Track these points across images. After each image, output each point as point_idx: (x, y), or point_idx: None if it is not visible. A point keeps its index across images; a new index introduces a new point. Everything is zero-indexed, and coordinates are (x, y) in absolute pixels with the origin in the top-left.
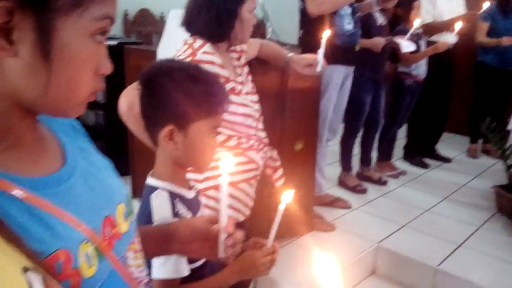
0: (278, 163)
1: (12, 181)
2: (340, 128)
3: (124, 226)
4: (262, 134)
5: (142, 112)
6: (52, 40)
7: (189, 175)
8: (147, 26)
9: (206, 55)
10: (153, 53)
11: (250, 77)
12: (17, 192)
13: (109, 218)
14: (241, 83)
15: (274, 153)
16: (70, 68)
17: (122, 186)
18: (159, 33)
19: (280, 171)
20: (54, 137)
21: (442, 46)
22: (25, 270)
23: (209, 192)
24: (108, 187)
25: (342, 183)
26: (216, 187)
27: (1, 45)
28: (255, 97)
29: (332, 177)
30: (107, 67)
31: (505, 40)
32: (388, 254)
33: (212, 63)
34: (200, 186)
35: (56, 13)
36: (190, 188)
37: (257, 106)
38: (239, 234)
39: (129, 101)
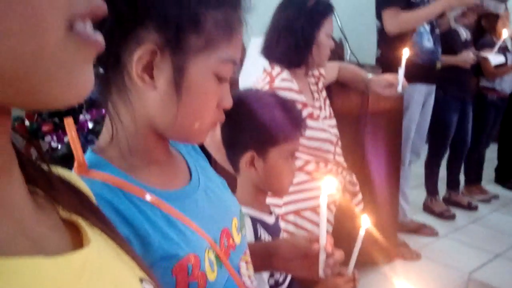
0: (357, 188)
1: (151, 192)
2: (424, 149)
3: (237, 238)
4: (341, 159)
5: (224, 140)
6: (185, 78)
7: (269, 200)
8: None
9: (284, 82)
10: (235, 80)
11: (328, 102)
12: (148, 197)
13: (226, 230)
14: (319, 108)
15: (353, 177)
16: (197, 102)
17: (235, 201)
18: (240, 60)
19: (359, 196)
20: (181, 157)
21: None
22: (141, 280)
23: (289, 217)
24: (224, 201)
25: (427, 208)
26: (296, 212)
27: (145, 79)
28: (333, 122)
29: (417, 202)
30: (228, 102)
31: None
32: (481, 286)
33: (289, 89)
34: (280, 211)
35: (189, 54)
36: (271, 213)
37: (335, 131)
38: (339, 255)
39: None
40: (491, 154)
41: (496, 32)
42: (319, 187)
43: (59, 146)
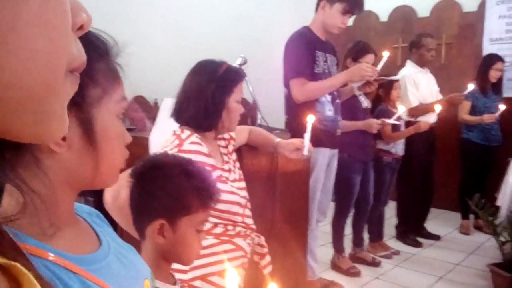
0: (265, 250)
1: (64, 257)
2: (330, 208)
3: None
4: (250, 221)
5: (131, 204)
6: (94, 128)
7: (174, 265)
8: (141, 112)
9: (193, 145)
10: (146, 140)
11: (237, 164)
12: (51, 257)
13: None
14: (228, 170)
15: (262, 240)
16: (111, 145)
17: (145, 264)
18: (153, 119)
19: (267, 258)
20: (87, 224)
21: (423, 126)
22: None
23: (195, 283)
24: (136, 265)
25: (335, 266)
26: (203, 277)
27: (61, 144)
28: (242, 184)
29: (324, 259)
30: (129, 138)
31: (487, 118)
32: None
33: (198, 152)
34: (185, 276)
35: (92, 106)
36: (175, 282)
37: (244, 193)
38: None
39: (114, 190)
40: (392, 212)
41: (391, 101)
42: (227, 250)
43: None
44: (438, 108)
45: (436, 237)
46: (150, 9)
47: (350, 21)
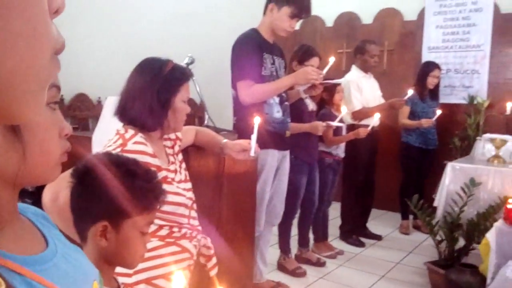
0: (211, 251)
1: (8, 258)
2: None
3: None
4: (195, 222)
5: (72, 206)
6: None
7: (118, 268)
8: (83, 110)
9: (137, 145)
10: (88, 140)
11: (184, 165)
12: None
13: None
14: (174, 171)
15: (208, 241)
16: (39, 136)
17: (92, 265)
18: (96, 117)
19: (214, 260)
20: (32, 224)
21: (362, 132)
22: None
23: (140, 286)
24: (83, 266)
25: (281, 267)
26: (148, 281)
27: None
28: (188, 185)
29: (271, 260)
30: (68, 128)
31: (424, 122)
32: None
33: (142, 153)
34: (130, 280)
35: None
36: (118, 287)
37: (190, 194)
38: None
39: (53, 192)
40: (336, 213)
41: (334, 104)
42: (173, 252)
43: None
44: (377, 116)
45: (378, 237)
46: (97, 5)
47: (297, 25)
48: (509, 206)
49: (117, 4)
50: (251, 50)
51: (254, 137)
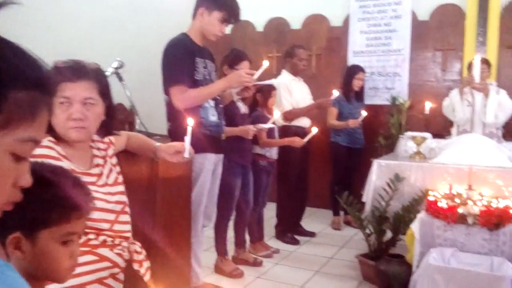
0: (141, 256)
1: None
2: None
3: None
4: (124, 227)
5: None
6: None
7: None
8: None
9: (40, 149)
10: None
11: (117, 168)
12: None
13: None
14: (97, 175)
15: (137, 246)
16: None
17: (25, 282)
18: None
19: (145, 264)
20: None
21: (298, 142)
22: None
23: None
24: (17, 282)
25: (218, 269)
26: None
27: None
28: (116, 188)
29: (208, 264)
30: (27, 181)
31: (351, 123)
32: None
33: (46, 156)
34: None
35: None
36: None
37: (116, 198)
38: None
39: None
40: (271, 213)
41: (267, 107)
42: (88, 262)
43: None
44: (314, 130)
45: (312, 234)
46: (24, 9)
47: (228, 29)
48: (430, 198)
49: (45, 8)
50: (183, 55)
51: (188, 138)
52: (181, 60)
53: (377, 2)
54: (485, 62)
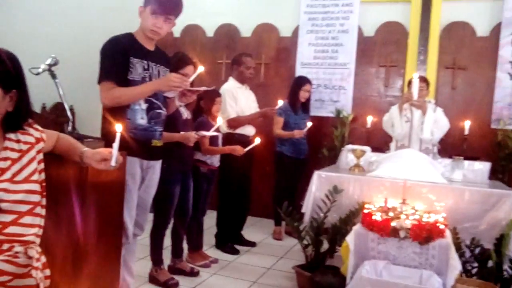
0: (37, 263)
1: None
2: (149, 222)
3: None
4: (24, 230)
5: None
6: None
7: None
8: None
9: None
10: None
11: (34, 165)
12: None
13: None
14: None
15: (33, 252)
16: None
17: None
18: None
19: (45, 272)
20: None
21: (239, 150)
22: None
23: None
24: None
25: (153, 279)
26: None
27: None
28: (17, 187)
29: (142, 273)
30: None
31: (296, 133)
32: None
33: None
34: None
35: None
36: None
37: (19, 197)
38: None
39: None
40: (212, 221)
41: (211, 114)
42: None
43: None
44: (257, 140)
45: (252, 244)
46: None
47: (177, 32)
48: (365, 211)
49: None
50: (114, 52)
51: (116, 145)
52: (113, 57)
53: (325, 15)
54: (424, 80)
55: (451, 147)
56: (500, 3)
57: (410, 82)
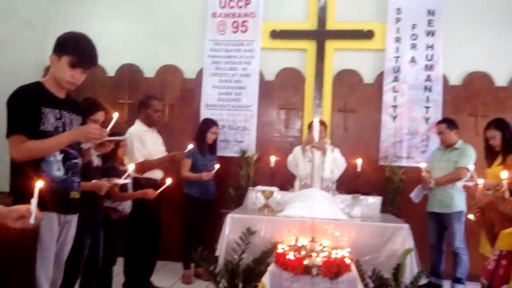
0: None
1: None
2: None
3: None
4: None
5: None
6: None
7: None
8: None
9: None
10: None
11: None
12: None
13: None
14: None
15: None
16: None
17: None
18: None
19: None
20: None
21: (151, 194)
22: None
23: None
24: None
25: None
26: None
27: None
28: None
29: None
30: None
31: (205, 175)
32: None
33: None
34: None
35: None
36: None
37: None
38: None
39: None
40: (119, 268)
41: (117, 158)
42: None
43: None
44: (169, 181)
45: None
46: None
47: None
48: (278, 251)
49: None
50: (23, 103)
51: (34, 201)
52: (22, 109)
53: (228, 59)
54: (323, 123)
55: (346, 183)
56: (383, 54)
57: (310, 125)
